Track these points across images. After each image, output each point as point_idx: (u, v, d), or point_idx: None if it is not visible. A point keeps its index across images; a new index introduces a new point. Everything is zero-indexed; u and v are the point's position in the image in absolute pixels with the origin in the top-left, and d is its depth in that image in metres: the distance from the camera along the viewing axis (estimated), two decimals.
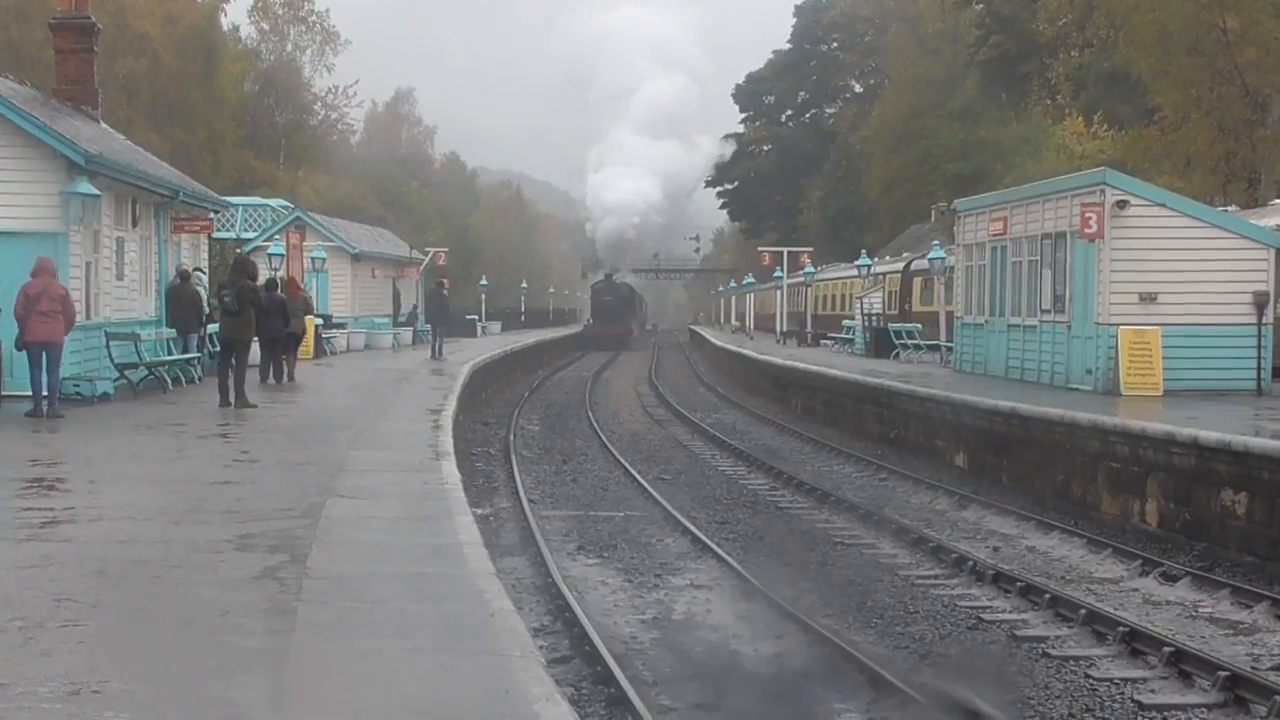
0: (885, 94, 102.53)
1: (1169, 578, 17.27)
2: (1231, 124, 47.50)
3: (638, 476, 26.43)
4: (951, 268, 40.75)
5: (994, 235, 33.84)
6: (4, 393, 23.49)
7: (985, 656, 13.92)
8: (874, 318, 53.86)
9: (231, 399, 24.33)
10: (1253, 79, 46.43)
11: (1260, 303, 27.72)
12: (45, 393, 22.12)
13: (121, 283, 28.90)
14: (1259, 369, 27.74)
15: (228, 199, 48.14)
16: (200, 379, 30.67)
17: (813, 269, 70.76)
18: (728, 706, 11.97)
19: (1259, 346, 27.75)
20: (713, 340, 79.47)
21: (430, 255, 71.44)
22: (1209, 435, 19.04)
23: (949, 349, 40.20)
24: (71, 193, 24.79)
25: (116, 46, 67.19)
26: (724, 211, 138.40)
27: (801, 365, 43.61)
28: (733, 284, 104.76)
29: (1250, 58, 46.03)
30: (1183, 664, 13.08)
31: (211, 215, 37.42)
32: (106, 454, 18.28)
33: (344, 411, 24.17)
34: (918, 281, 55.35)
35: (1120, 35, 55.08)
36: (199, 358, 31.47)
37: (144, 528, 12.54)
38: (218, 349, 30.08)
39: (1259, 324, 27.74)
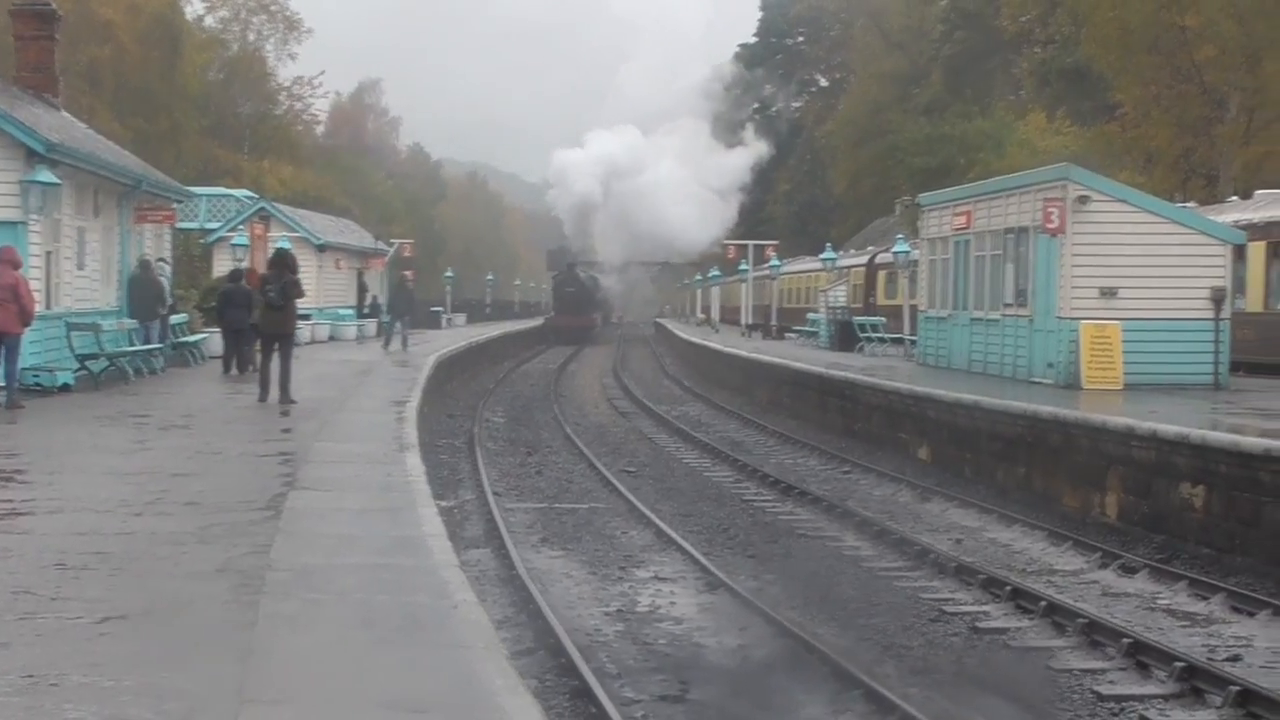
0: (851, 88, 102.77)
1: (1128, 570, 17.40)
2: (1191, 121, 47.81)
3: (602, 469, 26.45)
4: (915, 262, 40.87)
5: (957, 230, 33.99)
6: None
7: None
8: (838, 311, 53.99)
9: (272, 394, 24.23)
10: (1211, 77, 46.75)
11: (1218, 298, 27.92)
12: (3, 383, 21.98)
13: (83, 273, 28.78)
14: (1216, 363, 27.94)
15: (191, 189, 48.00)
16: (162, 370, 30.56)
17: (778, 262, 70.86)
18: (692, 698, 12.01)
19: (1216, 341, 27.95)
20: (678, 333, 79.49)
21: (395, 246, 71.26)
22: (1168, 429, 19.17)
23: (912, 342, 40.34)
24: (31, 181, 24.65)
25: (79, 33, 66.71)
26: None
27: (766, 358, 43.69)
28: (699, 277, 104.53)
29: (1209, 56, 46.37)
30: (1141, 655, 13.18)
31: (175, 205, 37.35)
32: (67, 445, 18.20)
33: (308, 403, 24.10)
34: (882, 275, 55.56)
35: (1082, 32, 55.33)
36: (161, 348, 31.35)
37: (105, 519, 12.50)
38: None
39: (1217, 319, 27.94)
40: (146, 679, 7.75)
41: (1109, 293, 27.97)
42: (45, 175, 24.77)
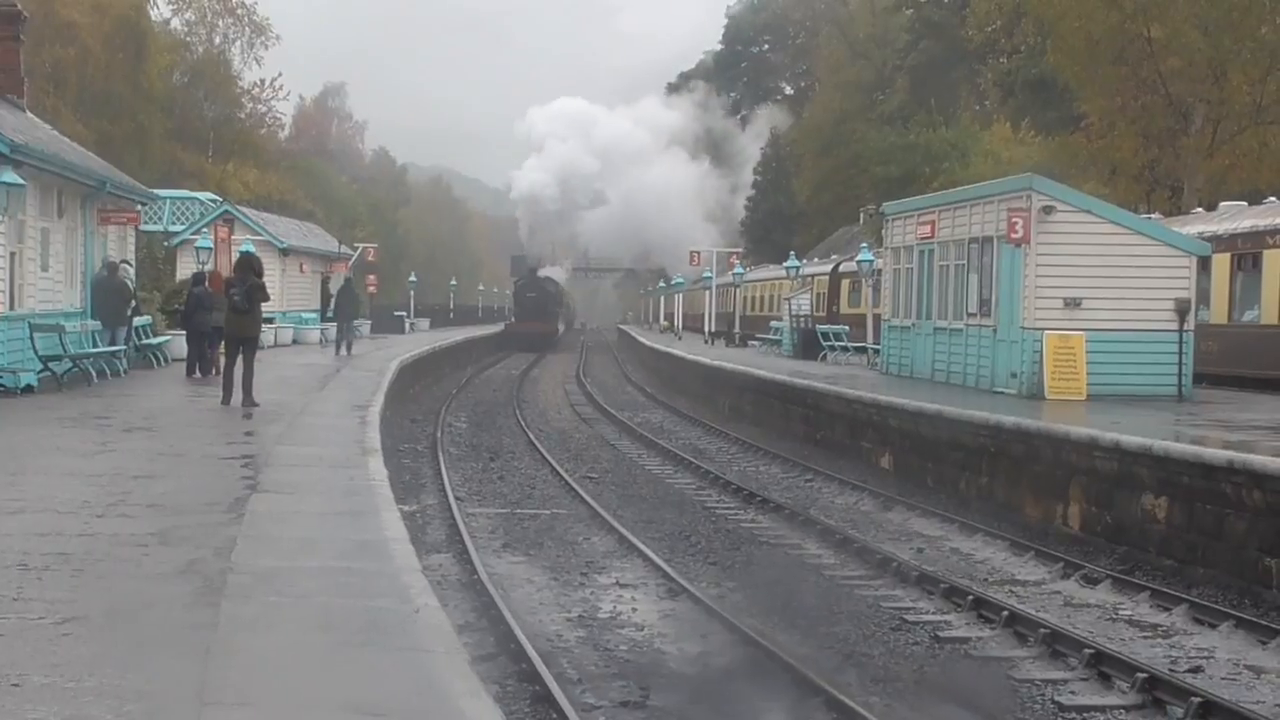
0: (815, 97, 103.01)
1: (1090, 580, 17.45)
2: (1155, 132, 48.03)
3: (565, 475, 26.43)
4: (879, 270, 40.97)
5: (921, 239, 34.08)
6: None
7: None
8: (802, 319, 54.07)
9: (234, 397, 24.13)
10: (1176, 88, 46.97)
11: (1182, 309, 28.03)
12: None
13: (46, 274, 28.64)
14: (1180, 375, 28.05)
15: (155, 191, 47.78)
16: (125, 372, 30.43)
17: (741, 270, 70.96)
18: (653, 705, 12.01)
19: (1180, 352, 28.06)
20: (641, 340, 79.54)
21: (359, 251, 71.10)
22: (1131, 440, 19.24)
23: (876, 351, 40.42)
24: None
25: (43, 35, 66.39)
26: None
27: (729, 366, 43.75)
28: (662, 284, 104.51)
29: (1174, 67, 46.58)
30: (1103, 666, 13.23)
31: (139, 207, 37.19)
32: (29, 446, 18.11)
33: (271, 406, 24.02)
34: (846, 284, 55.66)
35: (1048, 42, 55.56)
36: (125, 350, 31.22)
37: (67, 521, 12.43)
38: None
39: (1180, 330, 28.05)
40: (108, 680, 7.71)
41: (1073, 303, 28.06)
42: (9, 176, 24.64)
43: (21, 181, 25.10)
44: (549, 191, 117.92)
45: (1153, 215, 37.05)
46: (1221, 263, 31.65)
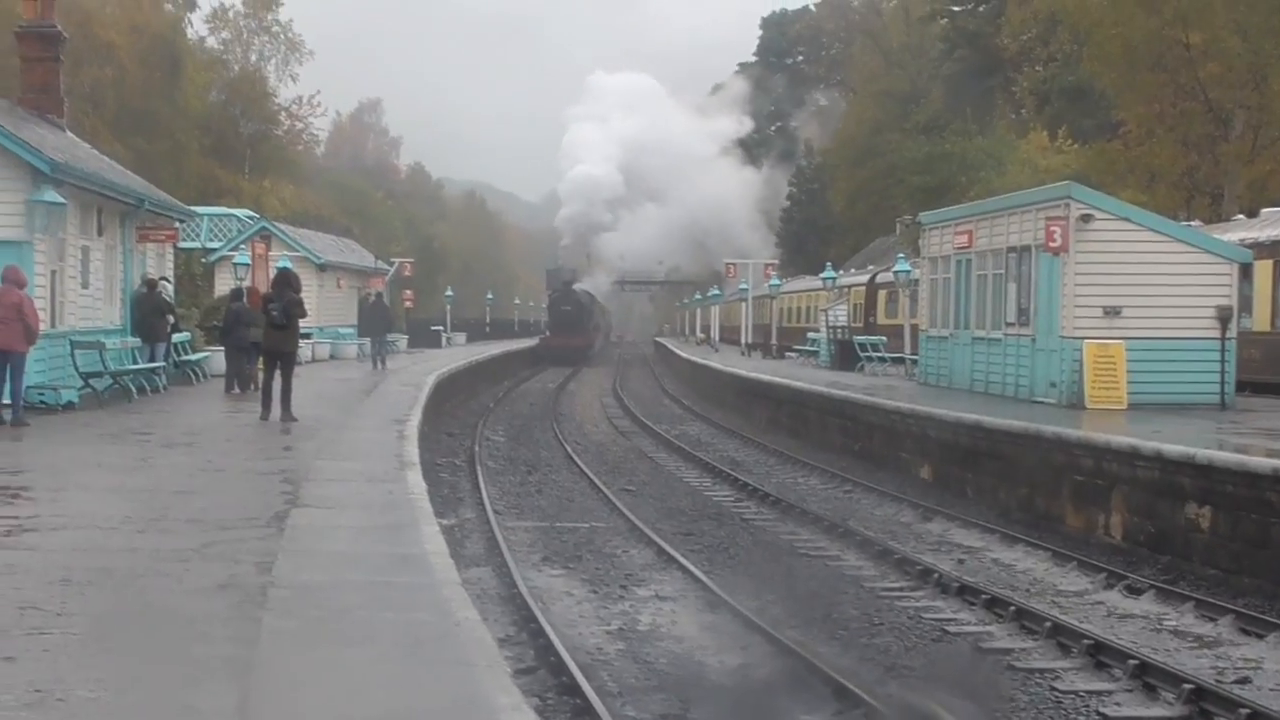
0: (850, 108, 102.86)
1: (1134, 591, 17.34)
2: (1195, 139, 47.81)
3: (603, 488, 26.41)
4: (916, 281, 40.86)
5: (959, 248, 33.96)
6: None
7: (955, 666, 13.95)
8: (839, 330, 53.96)
9: (272, 413, 24.19)
10: (1215, 94, 46.72)
11: (1224, 317, 27.86)
12: (7, 401, 21.98)
13: (87, 291, 28.79)
14: (1222, 383, 27.87)
15: (193, 208, 48.03)
16: (165, 388, 30.55)
17: (778, 281, 70.87)
18: (693, 717, 11.96)
19: (1222, 360, 27.89)
20: (678, 352, 79.45)
21: (396, 265, 71.29)
22: (1173, 449, 19.12)
23: (913, 362, 40.31)
24: (37, 201, 24.69)
25: (82, 55, 66.91)
26: None
27: (766, 378, 43.67)
28: (698, 295, 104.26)
29: (1213, 73, 46.34)
30: (1147, 677, 13.12)
31: (177, 224, 37.36)
32: (71, 462, 18.18)
33: (309, 421, 24.07)
34: (882, 294, 55.55)
35: (1084, 50, 55.36)
36: (164, 366, 31.36)
37: (109, 536, 12.47)
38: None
39: (1222, 338, 27.88)
40: (151, 695, 7.74)
41: (1112, 311, 27.93)
42: (50, 195, 24.80)
43: (62, 200, 25.26)
44: (609, 177, 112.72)
45: (1193, 222, 36.80)
46: (1264, 269, 31.38)
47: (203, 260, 53.99)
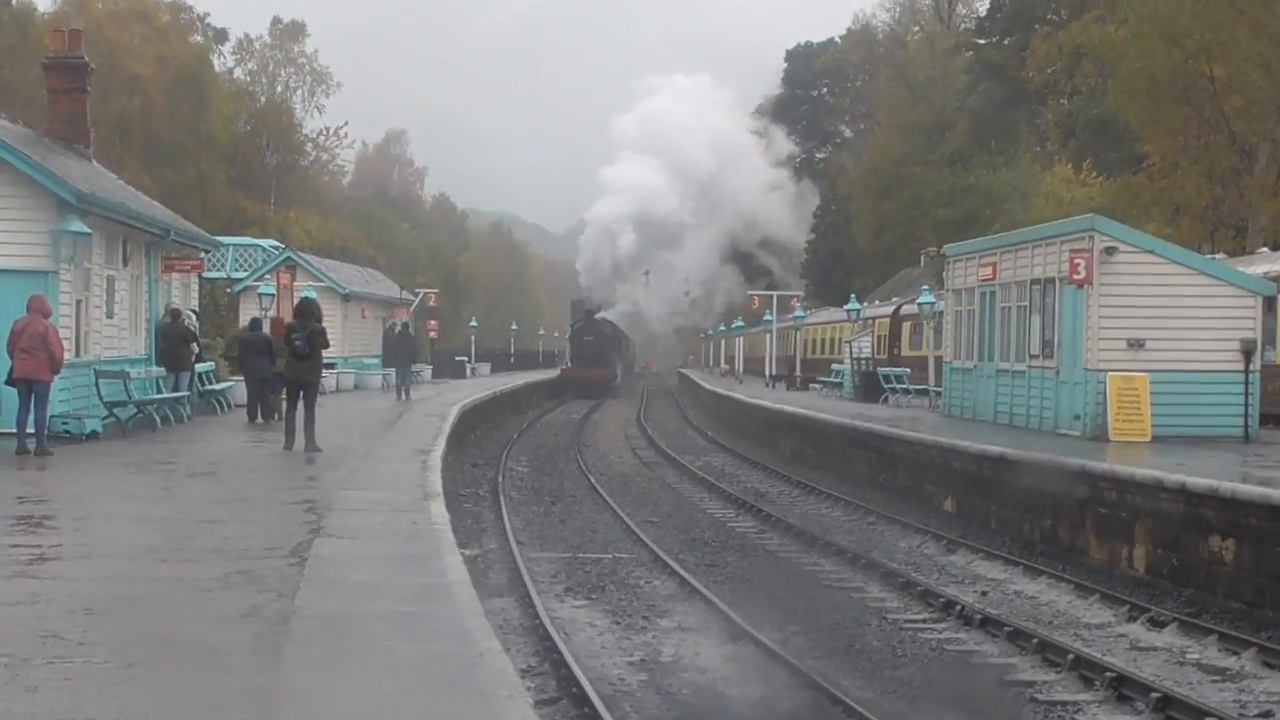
0: (874, 140, 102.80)
1: (1156, 623, 17.27)
2: (1219, 172, 47.68)
3: (626, 519, 26.40)
4: (940, 313, 40.82)
5: (983, 280, 33.95)
6: None
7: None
8: (863, 362, 53.89)
9: (296, 443, 24.22)
10: (1240, 127, 46.63)
11: (1248, 350, 27.80)
12: (31, 430, 22.08)
13: (111, 321, 28.89)
14: (1246, 416, 27.79)
15: (218, 238, 48.23)
16: (189, 417, 30.64)
17: (802, 313, 70.87)
18: None
19: (1246, 393, 27.81)
20: (702, 384, 79.43)
21: (420, 296, 71.49)
22: (1197, 481, 19.06)
23: (937, 393, 40.25)
24: (62, 231, 24.80)
25: (109, 86, 67.36)
26: None
27: (790, 409, 43.64)
28: (722, 327, 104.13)
29: (1238, 106, 46.25)
30: (1170, 710, 13.07)
31: (202, 255, 37.51)
32: (95, 492, 18.26)
33: (333, 451, 24.12)
34: (907, 326, 55.45)
35: (1109, 83, 55.32)
36: (188, 396, 31.46)
37: (132, 565, 12.52)
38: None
39: (1246, 371, 27.81)
40: None
41: (1136, 344, 27.88)
42: (76, 225, 24.92)
43: (88, 230, 25.39)
44: (661, 186, 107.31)
45: (1217, 255, 36.73)
46: None
47: (228, 290, 54.19)
